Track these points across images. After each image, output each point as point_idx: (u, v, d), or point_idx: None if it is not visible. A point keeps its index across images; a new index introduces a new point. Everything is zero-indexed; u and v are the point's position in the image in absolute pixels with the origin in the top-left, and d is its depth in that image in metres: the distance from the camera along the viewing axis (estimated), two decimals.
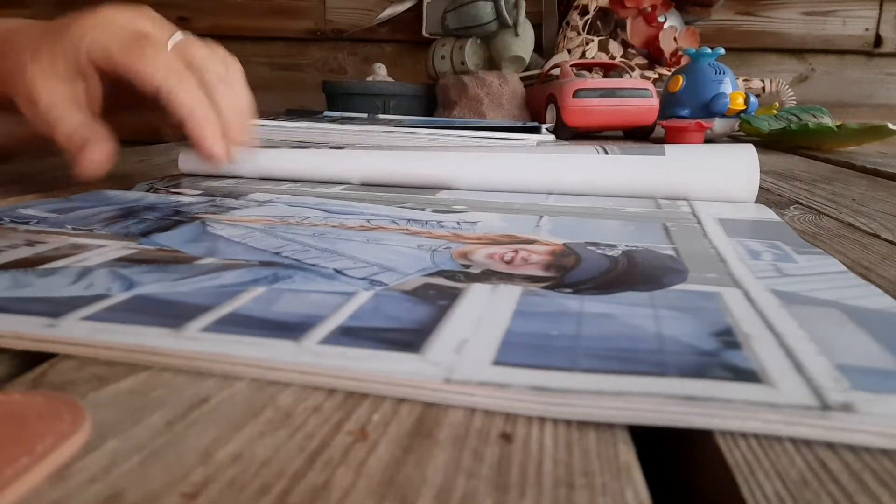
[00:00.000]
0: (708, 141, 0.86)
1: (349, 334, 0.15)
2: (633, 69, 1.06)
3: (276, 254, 0.21)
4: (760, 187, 0.36)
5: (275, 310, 0.16)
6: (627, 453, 0.11)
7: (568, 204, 0.33)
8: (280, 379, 0.13)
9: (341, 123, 0.56)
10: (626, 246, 0.24)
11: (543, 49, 1.21)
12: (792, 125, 0.78)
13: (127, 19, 0.32)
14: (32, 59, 0.31)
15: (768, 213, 0.31)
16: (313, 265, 0.20)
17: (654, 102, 0.87)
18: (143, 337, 0.14)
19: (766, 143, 0.80)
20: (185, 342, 0.14)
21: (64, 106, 0.31)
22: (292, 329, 0.15)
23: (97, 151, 0.31)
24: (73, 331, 0.14)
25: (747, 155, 0.34)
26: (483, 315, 0.16)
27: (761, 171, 0.34)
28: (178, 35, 0.33)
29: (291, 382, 0.13)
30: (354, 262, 0.21)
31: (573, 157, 0.36)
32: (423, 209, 0.30)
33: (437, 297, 0.17)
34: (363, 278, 0.19)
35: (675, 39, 1.11)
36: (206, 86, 0.32)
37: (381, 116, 0.82)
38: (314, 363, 0.13)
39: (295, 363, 0.13)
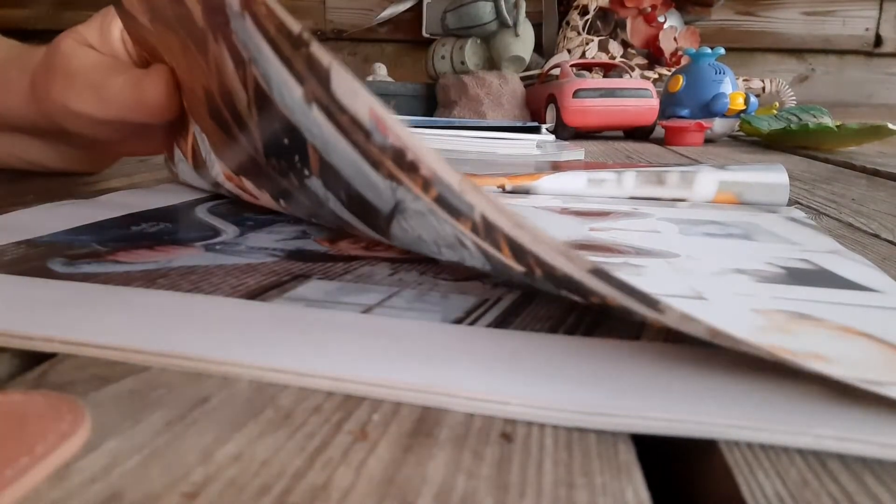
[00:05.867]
0: (708, 141, 0.86)
1: None
2: (633, 69, 1.06)
3: None
4: None
5: None
6: (627, 453, 0.11)
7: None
8: (279, 381, 0.13)
9: None
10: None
11: (543, 49, 1.21)
12: (792, 125, 0.78)
13: None
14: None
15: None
16: None
17: (654, 102, 0.87)
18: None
19: (766, 143, 0.80)
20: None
21: None
22: None
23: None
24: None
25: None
26: None
27: None
28: None
29: (290, 384, 0.13)
30: None
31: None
32: None
33: None
34: None
35: (675, 39, 1.11)
36: None
37: None
38: (313, 366, 0.13)
39: (294, 366, 0.13)
